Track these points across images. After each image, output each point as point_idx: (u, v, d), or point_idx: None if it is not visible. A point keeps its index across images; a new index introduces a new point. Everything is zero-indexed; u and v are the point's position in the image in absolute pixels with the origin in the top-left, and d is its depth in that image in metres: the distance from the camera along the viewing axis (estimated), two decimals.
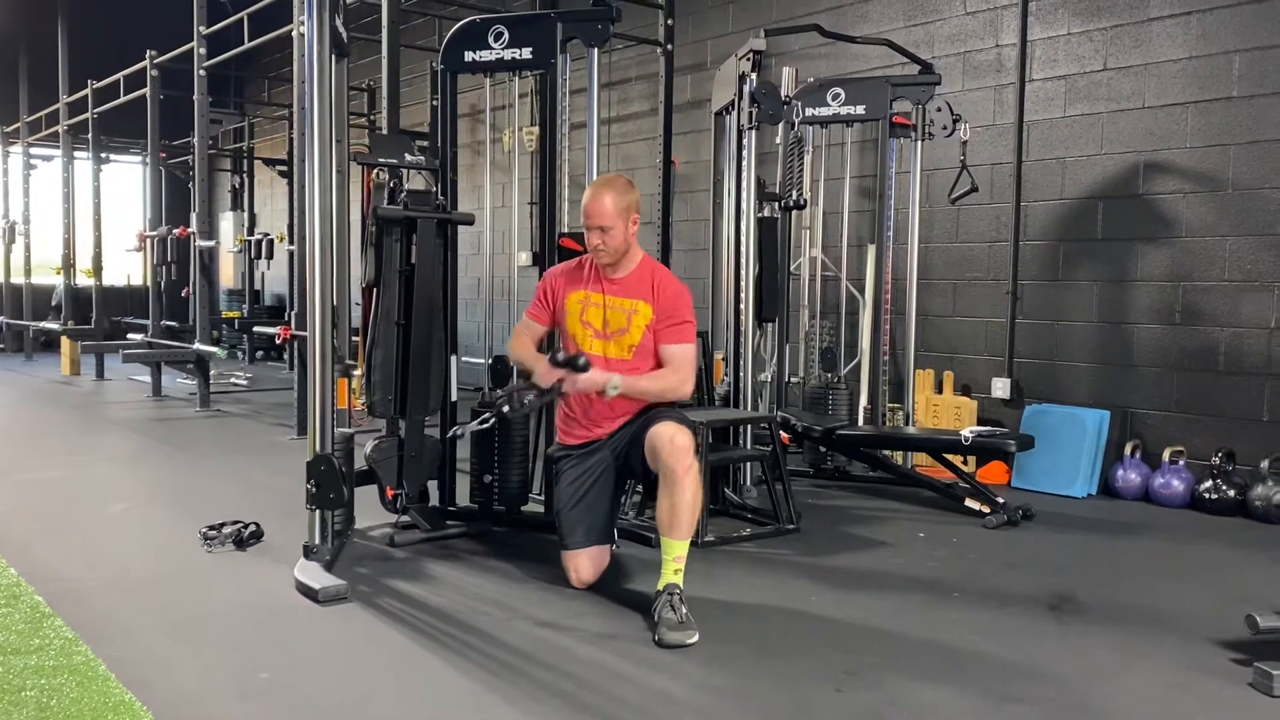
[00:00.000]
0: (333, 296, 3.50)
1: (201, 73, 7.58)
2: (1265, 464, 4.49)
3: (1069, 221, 5.30)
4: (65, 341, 10.17)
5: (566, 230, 4.12)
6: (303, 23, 3.63)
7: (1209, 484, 4.66)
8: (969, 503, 4.52)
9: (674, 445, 3.04)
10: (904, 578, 3.60)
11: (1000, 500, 4.43)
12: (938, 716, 2.43)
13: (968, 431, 4.62)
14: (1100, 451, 5.03)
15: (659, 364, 3.34)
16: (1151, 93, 4.97)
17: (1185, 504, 4.72)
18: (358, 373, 3.93)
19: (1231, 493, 4.60)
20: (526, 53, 4.05)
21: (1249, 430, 4.67)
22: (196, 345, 7.59)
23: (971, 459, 5.11)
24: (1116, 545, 4.18)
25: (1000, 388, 5.52)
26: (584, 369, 3.16)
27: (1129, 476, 4.93)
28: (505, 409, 3.28)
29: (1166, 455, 4.81)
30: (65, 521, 4.31)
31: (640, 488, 4.07)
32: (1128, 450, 4.96)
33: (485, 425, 3.45)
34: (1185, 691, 2.60)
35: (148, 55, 8.40)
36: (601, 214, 3.23)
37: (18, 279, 12.06)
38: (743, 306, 4.57)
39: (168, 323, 9.03)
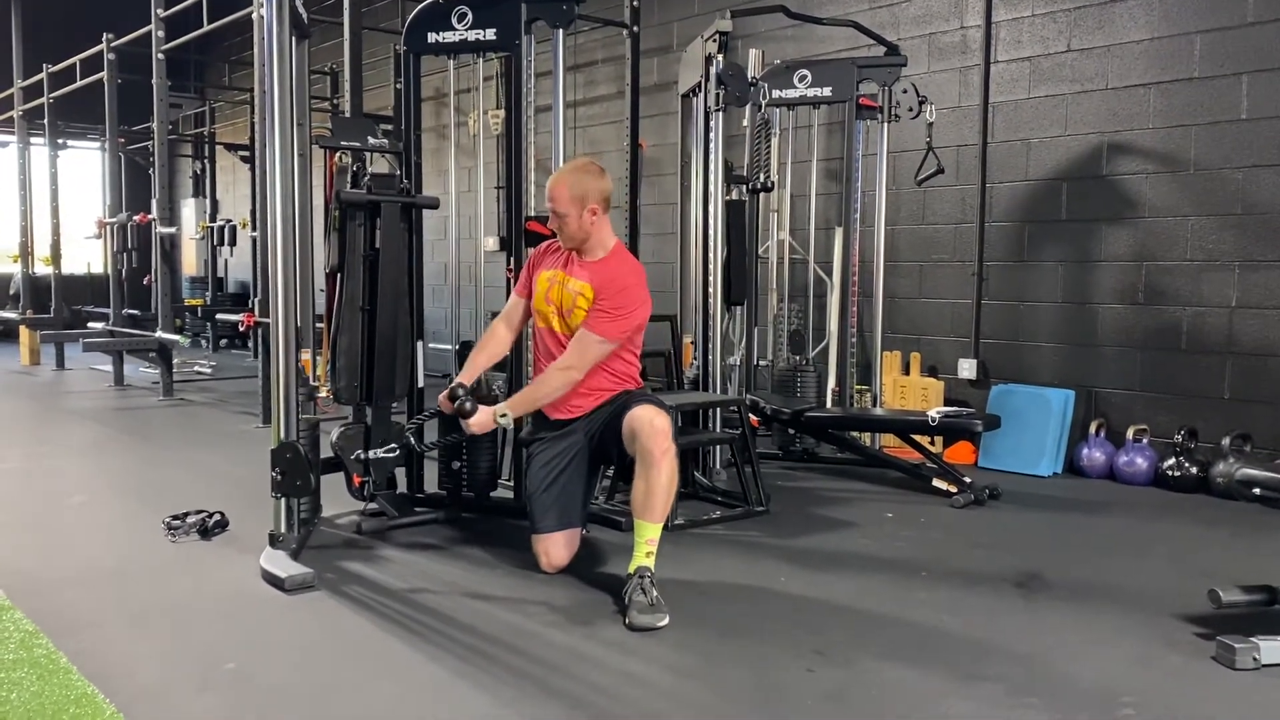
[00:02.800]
0: (296, 259, 3.44)
1: (160, 56, 7.43)
2: (1226, 441, 4.50)
3: (1034, 203, 5.33)
4: (24, 331, 9.98)
5: (533, 214, 4.08)
6: (262, 4, 3.56)
7: (1172, 461, 4.72)
8: (936, 483, 4.55)
9: (653, 428, 3.05)
10: (872, 558, 3.62)
11: (967, 480, 4.46)
12: (906, 694, 2.44)
13: (934, 412, 4.64)
14: (1065, 430, 5.08)
15: None
16: (1115, 74, 5.01)
17: (1149, 481, 4.79)
18: (322, 359, 3.89)
19: (1194, 470, 4.66)
20: (490, 34, 4.00)
21: (1211, 408, 4.74)
22: (159, 333, 7.47)
23: (939, 439, 5.14)
24: (1082, 523, 4.22)
25: (966, 368, 5.56)
26: (470, 414, 3.24)
27: (1094, 455, 4.98)
28: (412, 442, 3.62)
29: (1130, 434, 4.87)
30: (25, 513, 4.24)
31: (610, 472, 4.06)
32: (1092, 429, 5.01)
33: (392, 454, 3.66)
34: (1150, 666, 2.63)
35: (104, 38, 8.21)
36: (556, 199, 3.29)
37: None
38: (711, 290, 4.57)
39: (129, 311, 8.89)
